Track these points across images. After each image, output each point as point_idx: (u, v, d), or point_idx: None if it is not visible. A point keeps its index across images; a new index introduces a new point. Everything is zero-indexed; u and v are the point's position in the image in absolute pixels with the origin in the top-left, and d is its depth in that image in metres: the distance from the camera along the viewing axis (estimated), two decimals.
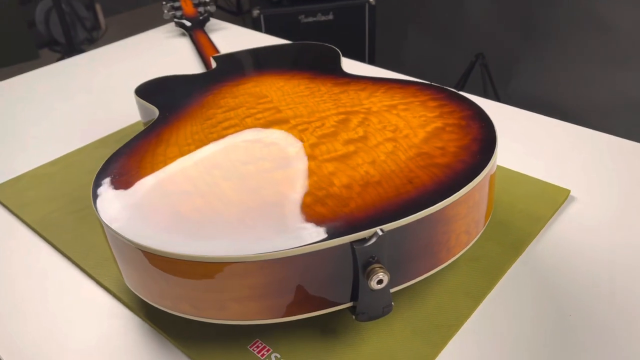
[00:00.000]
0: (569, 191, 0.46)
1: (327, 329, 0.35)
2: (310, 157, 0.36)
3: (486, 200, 0.36)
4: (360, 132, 0.39)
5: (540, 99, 1.80)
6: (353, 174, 0.34)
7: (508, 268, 0.39)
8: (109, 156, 0.54)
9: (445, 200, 0.32)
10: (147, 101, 0.48)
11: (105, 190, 0.35)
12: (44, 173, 0.53)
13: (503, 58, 1.83)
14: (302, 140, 0.39)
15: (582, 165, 0.50)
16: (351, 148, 0.37)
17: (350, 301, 0.32)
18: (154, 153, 0.39)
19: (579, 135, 0.55)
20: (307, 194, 0.33)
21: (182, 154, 0.38)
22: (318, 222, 0.31)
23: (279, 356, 0.34)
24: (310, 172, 0.35)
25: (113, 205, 0.34)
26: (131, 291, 0.39)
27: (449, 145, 0.37)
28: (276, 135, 0.40)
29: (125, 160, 0.38)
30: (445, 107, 0.42)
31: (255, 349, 0.34)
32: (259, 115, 0.43)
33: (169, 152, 0.39)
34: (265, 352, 0.34)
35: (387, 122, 0.40)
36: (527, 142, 0.54)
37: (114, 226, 0.32)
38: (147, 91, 0.51)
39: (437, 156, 0.36)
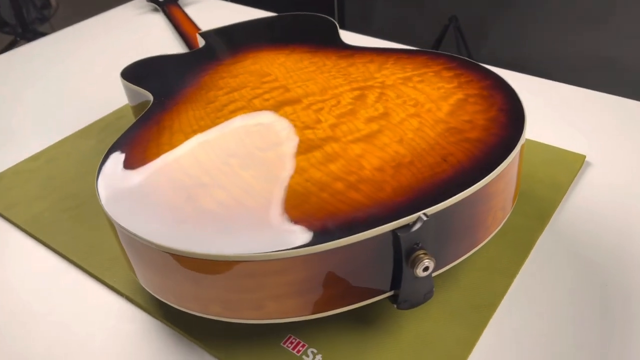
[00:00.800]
0: (584, 156, 0.45)
1: (362, 318, 0.34)
2: (333, 139, 0.34)
3: (517, 174, 0.35)
4: (380, 108, 0.37)
5: (513, 60, 1.80)
6: (382, 154, 0.32)
7: (536, 240, 0.38)
8: (96, 146, 0.51)
9: (487, 178, 0.30)
10: (137, 85, 0.45)
11: (113, 188, 0.32)
12: (26, 169, 0.49)
13: (476, 21, 1.81)
14: (319, 121, 0.36)
15: (592, 129, 0.50)
16: (374, 127, 0.35)
17: (391, 290, 0.30)
18: (159, 142, 0.36)
19: (583, 97, 0.54)
20: (338, 180, 0.31)
21: (190, 141, 0.35)
22: (359, 210, 0.29)
23: (315, 351, 0.32)
24: (336, 156, 0.33)
25: (126, 206, 0.31)
26: (145, 291, 0.37)
27: (477, 118, 0.35)
28: (291, 117, 0.37)
29: (128, 153, 0.35)
30: (462, 77, 0.40)
31: (289, 345, 0.32)
32: (267, 96, 0.40)
33: (175, 141, 0.36)
34: (300, 348, 0.32)
35: (406, 96, 0.38)
36: (531, 106, 0.53)
37: (133, 229, 0.29)
38: (135, 74, 0.47)
39: (467, 130, 0.34)
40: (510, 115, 0.35)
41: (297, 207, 0.29)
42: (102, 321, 0.35)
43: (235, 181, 0.31)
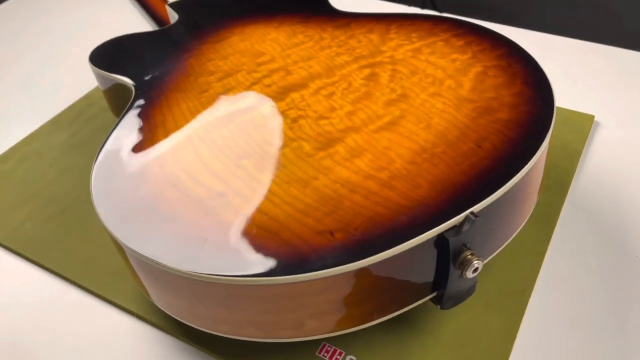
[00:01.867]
0: (592, 116, 0.44)
1: (397, 318, 0.32)
2: (353, 130, 0.31)
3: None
4: (397, 89, 0.34)
5: (475, 3, 1.77)
6: (411, 144, 0.30)
7: (559, 214, 0.37)
8: (69, 140, 0.46)
9: (529, 164, 0.28)
10: (111, 72, 0.40)
11: (115, 207, 0.28)
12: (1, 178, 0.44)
13: None
14: (333, 108, 0.33)
15: (595, 84, 0.48)
16: (396, 112, 0.32)
17: (434, 291, 0.28)
18: (155, 145, 0.32)
19: (580, 49, 0.52)
20: (368, 178, 0.28)
21: (192, 142, 0.32)
22: (400, 213, 0.26)
23: (354, 358, 0.30)
24: (361, 150, 0.30)
25: (137, 227, 0.27)
26: (156, 307, 0.34)
27: (502, 94, 0.32)
28: (301, 106, 0.33)
29: (123, 160, 0.31)
30: (474, 45, 0.37)
31: (325, 354, 0.30)
32: (267, 81, 0.36)
33: (175, 143, 0.32)
34: (338, 357, 0.30)
35: (421, 71, 0.35)
36: None
37: (153, 255, 0.26)
38: (106, 59, 0.42)
39: (495, 109, 0.31)
40: (536, 88, 0.33)
41: (330, 215, 0.26)
42: (115, 343, 0.32)
43: (254, 187, 0.28)
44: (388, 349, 0.30)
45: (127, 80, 0.39)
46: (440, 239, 0.26)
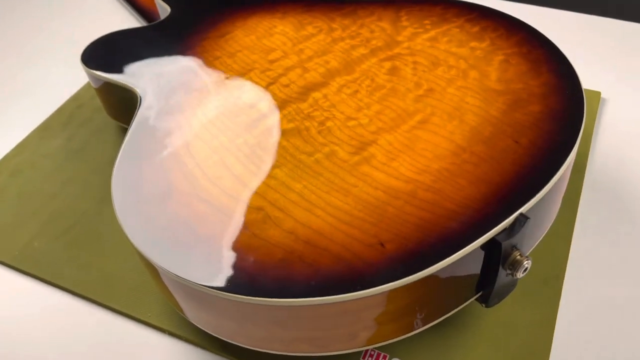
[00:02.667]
0: (599, 93, 0.44)
1: None
2: (385, 130, 0.30)
3: None
4: (423, 83, 0.33)
5: None
6: (448, 144, 0.29)
7: (579, 196, 0.37)
8: (65, 146, 0.43)
9: (569, 157, 0.28)
10: (108, 74, 0.38)
11: (149, 229, 0.27)
12: None
13: None
14: (360, 108, 0.32)
15: (597, 59, 0.48)
16: (426, 109, 0.31)
17: (478, 291, 0.28)
18: (176, 156, 0.30)
19: (577, 22, 0.52)
20: (410, 182, 0.27)
21: (217, 152, 0.30)
22: (449, 218, 0.26)
23: None
24: (397, 151, 0.29)
25: (178, 250, 0.26)
26: (187, 321, 0.33)
27: (530, 84, 0.32)
28: (325, 107, 0.32)
29: (145, 173, 0.30)
30: (490, 31, 0.36)
31: (369, 359, 0.30)
32: (284, 80, 0.34)
33: (200, 155, 0.30)
34: None
35: (443, 62, 0.34)
36: None
37: (208, 282, 0.24)
38: (100, 59, 0.39)
39: (525, 100, 0.31)
40: (562, 75, 0.32)
41: (377, 225, 0.26)
42: None
43: (293, 198, 0.27)
44: (432, 348, 0.30)
45: (127, 83, 0.36)
46: (492, 243, 0.25)
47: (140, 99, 0.35)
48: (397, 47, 0.36)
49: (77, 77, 0.51)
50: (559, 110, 0.30)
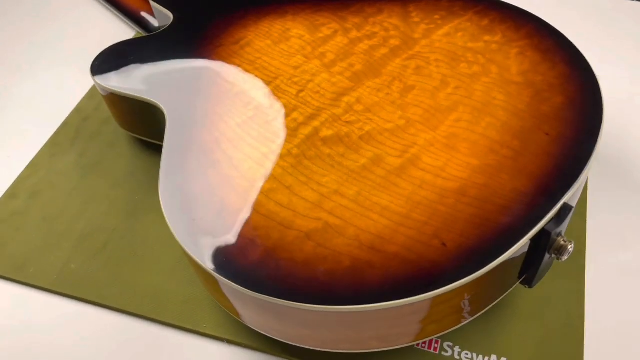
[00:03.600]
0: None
1: None
2: (424, 132, 0.31)
3: None
4: (450, 81, 0.34)
5: None
6: (485, 141, 0.30)
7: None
8: (79, 162, 0.43)
9: (597, 143, 0.30)
10: (124, 88, 0.37)
11: (214, 247, 0.28)
12: (10, 212, 0.40)
13: None
14: (396, 111, 0.33)
15: (577, 35, 0.51)
16: (459, 107, 0.32)
17: (523, 275, 0.31)
18: (225, 174, 0.31)
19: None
20: (455, 180, 0.29)
21: (262, 164, 0.31)
22: (501, 214, 0.27)
23: (451, 344, 0.32)
24: (439, 152, 0.30)
25: (250, 266, 0.27)
26: (246, 328, 0.34)
27: (547, 75, 0.34)
28: (360, 111, 0.33)
29: (200, 194, 0.30)
30: (499, 23, 0.38)
31: (423, 345, 0.32)
32: (313, 87, 0.35)
33: (244, 167, 0.31)
34: (435, 345, 0.32)
35: (463, 58, 0.35)
36: None
37: (286, 297, 0.25)
38: (114, 73, 0.39)
39: (545, 91, 0.33)
40: (575, 64, 0.34)
41: (429, 224, 0.27)
42: None
43: (348, 206, 0.28)
44: (477, 328, 0.33)
45: (148, 97, 0.36)
46: (541, 233, 0.27)
47: (165, 113, 0.35)
48: (416, 45, 0.37)
49: (75, 88, 0.50)
50: (579, 99, 0.32)
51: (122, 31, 0.56)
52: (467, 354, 0.32)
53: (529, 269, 0.30)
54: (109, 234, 0.38)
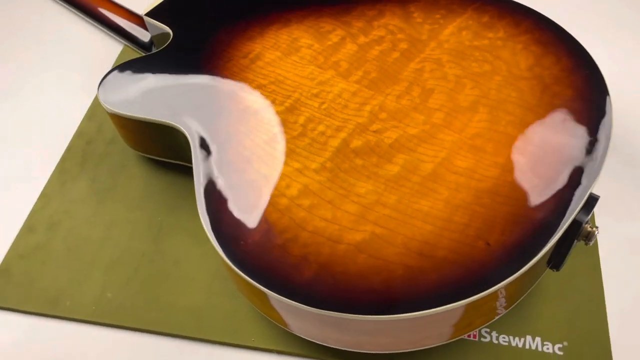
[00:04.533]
0: None
1: None
2: (449, 135, 0.32)
3: None
4: (465, 82, 0.35)
5: None
6: (508, 139, 0.32)
7: None
8: (92, 187, 0.42)
9: (613, 131, 0.32)
10: (139, 112, 0.37)
11: (267, 264, 0.28)
12: (32, 247, 0.40)
13: None
14: (419, 116, 0.34)
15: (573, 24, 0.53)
16: (479, 108, 0.34)
17: (551, 260, 0.33)
18: (262, 192, 0.31)
19: None
20: (490, 181, 0.30)
21: (300, 181, 0.31)
22: (534, 209, 0.29)
23: (488, 330, 0.35)
24: (468, 154, 0.32)
25: (303, 285, 0.28)
26: (294, 337, 0.35)
27: (552, 68, 0.35)
28: (384, 118, 0.34)
29: (241, 215, 0.31)
30: (499, 19, 0.39)
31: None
32: (334, 98, 0.36)
33: (281, 185, 0.31)
34: (475, 333, 0.34)
35: (472, 58, 0.37)
36: None
37: (348, 310, 0.26)
38: (125, 97, 0.38)
39: (552, 84, 0.34)
40: (575, 54, 0.36)
41: (470, 225, 0.29)
42: None
43: (390, 214, 0.30)
44: (510, 314, 0.35)
45: (167, 121, 0.36)
46: (572, 223, 0.30)
47: (188, 136, 0.35)
48: (426, 47, 0.38)
49: (72, 110, 0.49)
50: (586, 90, 0.34)
51: (111, 46, 0.55)
52: (504, 337, 0.34)
53: (558, 255, 0.32)
54: (138, 258, 0.39)
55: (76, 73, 0.53)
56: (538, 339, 0.34)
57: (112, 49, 0.54)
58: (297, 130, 0.34)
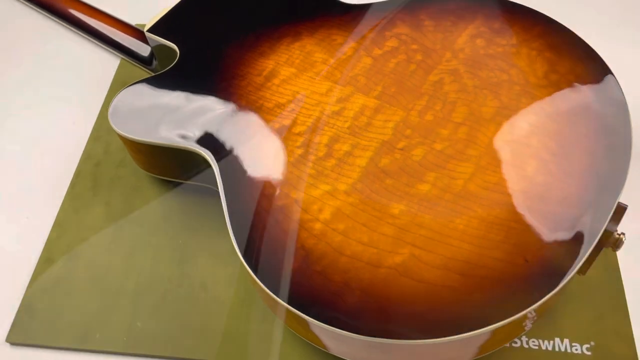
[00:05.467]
0: None
1: None
2: (476, 149, 0.33)
3: None
4: (486, 93, 0.35)
5: None
6: (533, 151, 0.32)
7: None
8: (109, 213, 0.41)
9: (632, 134, 0.32)
10: (156, 137, 0.37)
11: (309, 291, 0.29)
12: (54, 280, 0.39)
13: None
14: (444, 130, 0.34)
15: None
16: (501, 120, 0.34)
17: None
18: (294, 218, 0.31)
19: None
20: (521, 196, 0.31)
21: (332, 204, 0.32)
22: (568, 221, 0.30)
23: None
24: (498, 170, 0.32)
25: (344, 309, 0.28)
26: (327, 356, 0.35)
27: (566, 74, 0.36)
28: (410, 136, 0.34)
29: (275, 242, 0.31)
30: (510, 25, 0.39)
31: None
32: (358, 116, 0.35)
33: (313, 209, 0.31)
34: None
35: (488, 68, 0.37)
36: None
37: (402, 335, 0.27)
38: (139, 122, 0.38)
39: (571, 92, 0.35)
40: (587, 58, 0.37)
41: (507, 241, 0.29)
42: None
43: (427, 234, 0.30)
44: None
45: (192, 148, 0.36)
46: (603, 234, 0.30)
47: (210, 162, 0.35)
48: (442, 58, 0.38)
49: (75, 131, 0.48)
50: (602, 94, 0.35)
51: (106, 60, 0.53)
52: (534, 341, 0.35)
53: (587, 262, 0.33)
54: (165, 284, 0.38)
55: (74, 91, 0.51)
56: (566, 341, 0.35)
57: (110, 65, 0.53)
58: (322, 150, 0.34)
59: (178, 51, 0.42)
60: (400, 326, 0.28)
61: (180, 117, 0.38)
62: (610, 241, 0.31)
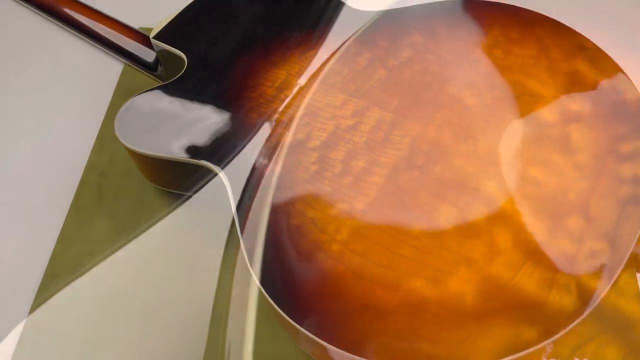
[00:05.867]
0: None
1: None
2: (495, 165, 0.32)
3: None
4: (504, 107, 0.34)
5: None
6: (557, 167, 0.32)
7: None
8: (116, 226, 0.39)
9: None
10: (169, 152, 0.36)
11: (334, 320, 0.28)
12: (62, 297, 0.38)
13: None
14: (469, 148, 0.33)
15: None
16: (521, 136, 0.33)
17: None
18: (312, 239, 0.30)
19: None
20: (556, 220, 0.30)
21: (364, 234, 0.31)
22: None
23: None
24: (519, 192, 0.31)
25: (368, 334, 0.27)
26: None
27: (588, 86, 0.35)
28: (429, 153, 0.33)
29: (307, 274, 0.30)
30: (525, 34, 0.38)
31: None
32: (379, 133, 0.34)
33: (330, 229, 0.30)
34: None
35: (508, 80, 0.36)
36: None
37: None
38: (146, 136, 0.37)
39: (589, 102, 0.34)
40: (591, 54, 0.36)
41: (552, 268, 0.29)
42: None
43: (463, 254, 0.29)
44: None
45: (205, 164, 0.35)
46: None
47: (224, 180, 0.34)
48: (458, 70, 0.37)
49: (79, 139, 0.46)
50: (622, 102, 0.34)
51: (110, 65, 0.52)
52: None
53: None
54: (176, 300, 0.37)
55: (76, 98, 0.50)
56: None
57: (112, 70, 0.51)
58: (338, 167, 0.33)
59: (186, 59, 0.41)
60: (432, 353, 0.27)
61: (189, 130, 0.36)
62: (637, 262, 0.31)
